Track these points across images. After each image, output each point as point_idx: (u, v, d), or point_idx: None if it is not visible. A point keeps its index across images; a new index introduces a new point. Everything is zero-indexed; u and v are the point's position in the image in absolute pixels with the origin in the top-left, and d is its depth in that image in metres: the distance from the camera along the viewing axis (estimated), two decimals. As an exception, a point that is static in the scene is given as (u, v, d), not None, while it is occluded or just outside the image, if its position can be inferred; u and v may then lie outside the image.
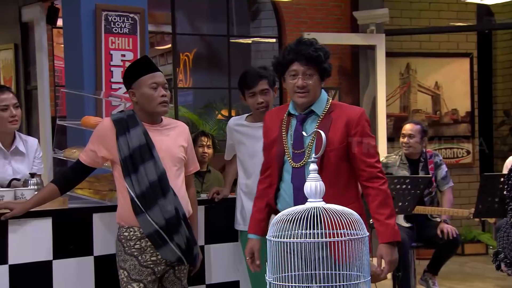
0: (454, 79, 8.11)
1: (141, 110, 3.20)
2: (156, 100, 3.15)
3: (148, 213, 3.09)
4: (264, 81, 3.58)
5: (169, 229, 3.10)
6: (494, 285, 5.75)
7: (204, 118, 8.50)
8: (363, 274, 1.98)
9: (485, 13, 8.08)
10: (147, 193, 3.10)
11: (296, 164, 2.87)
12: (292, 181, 2.87)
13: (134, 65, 3.25)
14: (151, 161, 3.13)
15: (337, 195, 2.71)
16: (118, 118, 3.20)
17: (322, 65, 2.87)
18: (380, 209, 2.84)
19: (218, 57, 9.13)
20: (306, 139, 2.86)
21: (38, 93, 6.33)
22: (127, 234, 3.17)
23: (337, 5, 8.05)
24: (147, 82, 3.14)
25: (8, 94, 3.65)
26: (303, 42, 2.91)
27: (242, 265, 3.71)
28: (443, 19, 8.14)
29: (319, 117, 2.90)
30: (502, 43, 8.65)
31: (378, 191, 2.86)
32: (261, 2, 8.64)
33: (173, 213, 3.12)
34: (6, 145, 3.67)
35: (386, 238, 2.83)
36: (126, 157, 3.12)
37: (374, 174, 2.88)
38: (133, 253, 3.15)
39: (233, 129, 3.72)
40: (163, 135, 3.22)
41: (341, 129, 2.86)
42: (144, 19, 4.56)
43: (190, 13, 9.20)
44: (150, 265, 3.15)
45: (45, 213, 3.30)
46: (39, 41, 6.27)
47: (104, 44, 4.44)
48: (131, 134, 3.14)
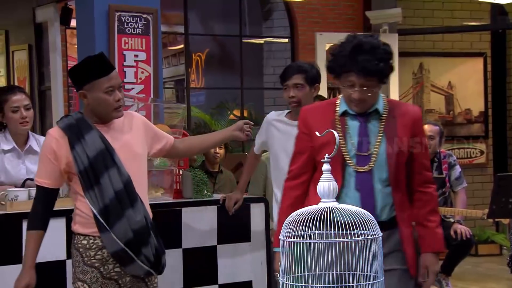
0: (468, 79, 8.07)
1: (91, 112, 2.84)
2: (111, 106, 2.80)
3: (113, 229, 2.75)
4: (300, 75, 3.39)
5: (137, 241, 2.78)
6: (508, 286, 5.71)
7: (216, 118, 8.50)
8: (377, 275, 1.98)
9: (499, 12, 8.03)
10: (112, 206, 2.75)
11: (361, 168, 2.60)
12: (359, 187, 2.60)
13: (87, 64, 2.83)
14: (114, 168, 2.78)
15: (404, 199, 2.63)
16: (67, 125, 2.81)
17: (384, 74, 2.57)
18: (431, 216, 2.69)
19: (230, 57, 9.13)
20: (371, 141, 2.61)
21: (52, 93, 6.37)
22: (85, 242, 2.81)
23: (350, 5, 8.03)
24: (102, 86, 2.77)
25: (21, 95, 3.66)
26: (361, 49, 2.54)
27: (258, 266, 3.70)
28: (456, 18, 8.09)
29: (381, 116, 2.64)
30: (516, 43, 8.59)
31: (431, 197, 2.70)
32: (273, 2, 8.63)
33: (143, 223, 2.80)
34: (19, 145, 3.69)
35: (435, 247, 2.70)
36: (85, 168, 2.75)
37: (428, 178, 2.72)
38: (93, 264, 2.79)
39: (271, 124, 3.51)
40: (119, 133, 2.87)
41: (408, 128, 2.64)
42: (157, 19, 4.57)
43: (202, 14, 9.21)
44: (114, 277, 2.82)
45: (59, 212, 3.31)
46: (53, 42, 6.30)
47: (117, 45, 4.45)
48: (87, 140, 2.78)
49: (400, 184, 2.63)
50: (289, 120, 3.47)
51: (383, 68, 2.55)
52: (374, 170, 2.59)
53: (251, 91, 8.55)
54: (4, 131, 3.69)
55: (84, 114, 2.86)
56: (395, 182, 2.61)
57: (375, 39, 2.58)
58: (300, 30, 7.86)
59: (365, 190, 2.59)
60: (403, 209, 2.65)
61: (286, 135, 3.40)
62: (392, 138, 2.60)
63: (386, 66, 2.56)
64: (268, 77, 8.42)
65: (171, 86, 10.03)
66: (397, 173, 2.60)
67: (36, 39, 6.77)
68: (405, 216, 2.66)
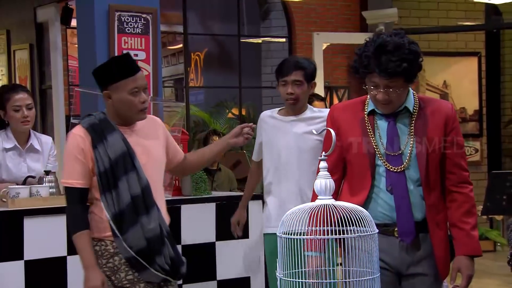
0: (462, 78, 8.07)
1: (115, 114, 2.73)
2: (136, 108, 2.69)
3: (125, 236, 2.64)
4: (299, 72, 3.25)
5: (150, 250, 2.66)
6: (502, 281, 5.72)
7: (215, 117, 8.51)
8: (373, 271, 1.98)
9: (493, 12, 8.03)
10: (127, 211, 2.64)
11: (394, 168, 2.47)
12: (392, 187, 2.47)
13: (113, 64, 2.74)
14: (134, 172, 2.67)
15: (437, 199, 2.50)
16: (90, 124, 2.70)
17: (409, 74, 2.42)
18: (466, 217, 2.51)
19: (228, 56, 9.13)
20: (402, 140, 2.48)
21: (53, 92, 6.36)
22: (98, 248, 2.70)
23: (347, 5, 8.03)
24: (128, 86, 2.66)
25: (23, 94, 3.65)
26: (384, 49, 2.39)
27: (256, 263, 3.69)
28: (451, 18, 8.10)
29: (412, 114, 2.50)
30: (510, 42, 8.60)
31: (467, 198, 2.51)
32: (271, 2, 8.63)
33: (157, 231, 2.68)
34: (21, 143, 3.69)
35: (470, 250, 2.51)
36: (105, 170, 2.65)
37: (464, 178, 2.53)
38: (105, 273, 2.68)
39: (264, 121, 3.39)
40: (140, 137, 2.76)
41: (440, 127, 2.49)
42: (156, 19, 4.57)
43: (201, 14, 9.20)
44: (127, 285, 2.68)
45: (59, 209, 3.31)
46: (53, 41, 6.29)
47: (117, 44, 4.44)
48: (109, 141, 2.67)
49: (434, 185, 2.49)
50: (281, 116, 3.36)
51: (407, 68, 2.39)
52: (405, 170, 2.47)
53: (249, 90, 8.55)
54: (5, 129, 3.68)
55: (106, 114, 2.75)
56: (427, 183, 2.48)
57: (400, 37, 2.42)
58: (297, 30, 7.86)
59: (399, 191, 2.46)
60: (437, 210, 2.51)
61: (278, 131, 3.31)
62: (422, 137, 2.47)
63: (412, 66, 2.41)
64: (266, 76, 8.42)
65: (170, 85, 10.02)
66: (429, 173, 2.47)
67: (37, 38, 6.76)
68: (440, 218, 2.52)
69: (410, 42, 2.43)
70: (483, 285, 2.47)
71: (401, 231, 2.49)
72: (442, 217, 2.53)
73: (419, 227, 2.49)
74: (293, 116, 3.30)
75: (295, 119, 3.30)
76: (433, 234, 2.51)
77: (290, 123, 3.29)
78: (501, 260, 5.55)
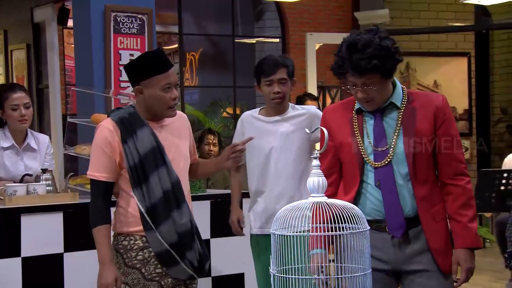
0: (453, 78, 8.10)
1: (146, 109, 2.69)
2: (167, 104, 2.65)
3: (159, 230, 2.61)
4: (283, 69, 3.17)
5: (182, 245, 2.64)
6: (491, 277, 5.74)
7: (209, 116, 8.50)
8: (364, 267, 1.98)
9: (483, 13, 8.05)
10: (159, 205, 2.62)
11: (378, 163, 2.43)
12: (380, 182, 2.44)
13: (147, 59, 2.68)
14: (164, 167, 2.64)
15: (429, 192, 2.44)
16: (120, 118, 2.66)
17: (383, 70, 2.36)
18: (463, 210, 2.44)
19: (223, 56, 9.12)
20: (388, 135, 2.44)
21: (50, 92, 6.34)
22: (126, 243, 2.66)
23: (339, 5, 8.04)
24: (160, 82, 2.62)
25: (21, 93, 3.64)
26: (354, 47, 2.36)
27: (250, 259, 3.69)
28: (441, 19, 8.12)
29: (400, 108, 2.45)
30: (499, 43, 8.63)
31: (463, 190, 2.44)
32: (265, 3, 8.62)
33: (188, 226, 2.67)
34: (18, 142, 3.68)
35: (467, 243, 2.43)
36: (135, 164, 2.61)
37: (460, 170, 2.46)
38: (135, 266, 2.64)
39: (245, 122, 3.29)
40: (168, 133, 2.73)
41: (429, 119, 2.43)
42: (151, 19, 4.56)
43: (196, 14, 9.19)
44: (156, 278, 2.64)
45: (56, 207, 3.31)
46: (50, 41, 6.28)
47: (113, 44, 4.44)
48: (138, 136, 2.64)
49: (425, 178, 2.44)
50: (264, 117, 3.25)
51: (378, 65, 2.34)
52: (393, 165, 2.43)
53: (244, 90, 8.55)
54: (3, 128, 3.68)
55: (136, 109, 2.69)
56: (416, 176, 2.42)
57: (373, 34, 2.37)
58: (291, 30, 7.87)
59: (386, 185, 2.43)
60: (431, 203, 2.45)
61: (264, 132, 3.22)
62: (410, 131, 2.42)
63: (384, 62, 2.35)
64: (260, 76, 8.42)
65: (165, 84, 10.00)
66: (417, 167, 2.42)
67: (34, 38, 6.74)
68: (436, 211, 2.46)
69: (382, 38, 2.37)
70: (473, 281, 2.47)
71: (390, 225, 2.45)
72: (438, 210, 2.47)
73: (411, 221, 2.45)
74: (277, 116, 3.21)
75: (280, 119, 3.21)
76: (426, 227, 2.45)
77: (275, 123, 3.20)
78: (490, 256, 5.57)
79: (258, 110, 3.31)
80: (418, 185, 2.44)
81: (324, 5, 7.94)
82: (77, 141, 4.44)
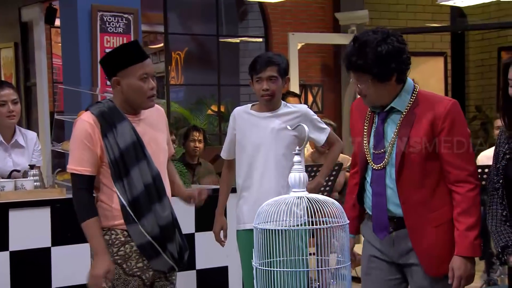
0: (430, 77, 8.14)
1: (124, 101, 2.62)
2: (145, 94, 2.59)
3: (141, 222, 2.57)
4: (273, 67, 3.14)
5: (164, 237, 2.62)
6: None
7: (195, 113, 8.49)
8: (344, 260, 1.98)
9: (458, 14, 8.12)
10: (141, 198, 2.58)
11: (377, 166, 2.42)
12: (371, 184, 2.45)
13: (122, 50, 2.65)
14: (144, 161, 2.60)
15: (425, 197, 2.38)
16: (100, 112, 2.60)
17: (370, 72, 2.34)
18: (461, 217, 2.36)
19: (208, 55, 9.10)
20: (387, 138, 2.42)
21: (37, 89, 6.29)
22: (108, 238, 2.60)
23: (320, 6, 8.05)
24: (137, 72, 2.57)
25: (9, 90, 3.61)
26: (354, 44, 2.37)
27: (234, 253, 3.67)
28: (419, 20, 8.16)
29: (402, 113, 2.41)
30: (474, 43, 8.69)
31: (463, 198, 2.35)
32: (248, 4, 8.61)
33: (169, 218, 2.64)
34: (6, 139, 3.65)
35: (461, 251, 2.35)
36: (116, 158, 2.56)
37: (461, 178, 2.37)
38: (116, 261, 2.58)
39: (237, 117, 3.24)
40: (147, 126, 2.67)
41: (425, 127, 2.37)
42: (137, 19, 4.54)
43: (181, 14, 9.16)
44: (137, 273, 2.61)
45: (44, 202, 3.28)
46: (38, 40, 6.23)
47: (100, 43, 4.41)
48: (118, 130, 2.58)
49: (421, 183, 2.38)
50: (256, 112, 3.21)
51: (362, 65, 2.32)
52: (387, 169, 2.41)
53: (228, 88, 8.55)
54: (-9, 125, 3.64)
55: (115, 103, 2.63)
56: (406, 181, 2.38)
57: (373, 35, 2.35)
58: (273, 30, 7.87)
59: (375, 188, 2.43)
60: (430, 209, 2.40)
61: (254, 127, 3.18)
62: (403, 137, 2.38)
63: (372, 65, 2.32)
64: (244, 74, 8.42)
65: (151, 82, 9.96)
66: (408, 172, 2.37)
67: (22, 37, 6.68)
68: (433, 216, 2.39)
69: (383, 43, 2.35)
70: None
71: (374, 226, 2.46)
72: (439, 215, 2.40)
73: (399, 223, 2.42)
74: (269, 112, 3.19)
75: (271, 115, 3.19)
76: (411, 231, 2.41)
77: (266, 119, 3.17)
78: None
79: (250, 106, 3.28)
80: (409, 190, 2.40)
81: (305, 6, 7.95)
82: (64, 137, 4.41)
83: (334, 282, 1.99)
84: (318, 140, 3.24)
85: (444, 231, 2.41)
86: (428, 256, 2.41)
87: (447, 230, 2.40)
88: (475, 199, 2.37)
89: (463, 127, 2.41)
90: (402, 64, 2.41)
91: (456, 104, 2.42)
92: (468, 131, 2.44)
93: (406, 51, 2.46)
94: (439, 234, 2.40)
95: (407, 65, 2.45)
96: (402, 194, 2.40)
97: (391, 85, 2.40)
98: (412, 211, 2.41)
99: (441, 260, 2.41)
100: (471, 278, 2.39)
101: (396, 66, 2.37)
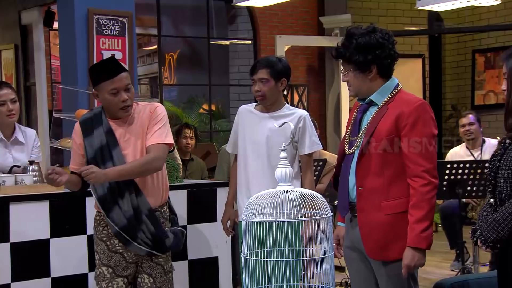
0: (409, 77, 8.17)
1: (106, 109, 2.85)
2: (116, 106, 2.78)
3: (110, 216, 2.80)
4: (265, 70, 3.13)
5: (131, 228, 2.80)
6: (443, 258, 5.83)
7: (187, 112, 8.46)
8: (327, 250, 1.99)
9: (435, 19, 8.14)
10: (107, 196, 2.79)
11: (348, 150, 2.51)
12: (342, 166, 2.54)
13: (97, 67, 2.85)
14: (110, 162, 2.77)
15: (381, 185, 2.42)
16: (85, 119, 2.88)
17: (352, 59, 2.44)
18: (412, 210, 2.39)
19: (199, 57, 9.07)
20: (362, 126, 2.49)
21: (36, 89, 6.26)
22: (98, 218, 2.90)
23: (306, 11, 8.05)
24: (107, 88, 2.75)
25: (7, 90, 3.59)
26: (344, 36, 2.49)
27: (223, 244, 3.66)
28: (398, 24, 8.19)
29: (378, 106, 2.48)
30: (450, 46, 8.74)
31: (415, 192, 2.39)
32: (237, 8, 8.60)
33: (131, 213, 2.80)
34: (6, 136, 3.62)
35: (409, 241, 2.39)
36: (89, 159, 2.81)
37: (416, 173, 2.40)
38: (102, 238, 2.87)
39: (241, 114, 3.25)
40: (130, 127, 2.83)
41: (390, 121, 2.42)
42: (132, 22, 4.53)
43: (174, 17, 9.12)
44: (119, 250, 2.84)
45: (43, 196, 3.27)
46: (37, 42, 6.20)
47: (96, 45, 4.40)
48: (93, 135, 2.82)
49: (379, 172, 2.42)
50: (257, 112, 3.21)
51: (343, 53, 2.44)
52: (355, 153, 2.47)
53: (218, 88, 8.53)
54: (-8, 123, 3.61)
55: (103, 108, 2.86)
56: (369, 168, 2.43)
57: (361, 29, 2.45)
58: (261, 33, 7.86)
59: (343, 173, 2.51)
60: (385, 197, 2.43)
61: (254, 125, 3.19)
62: (370, 129, 2.44)
63: (352, 54, 2.42)
64: (233, 75, 8.40)
65: (146, 82, 9.91)
66: (367, 161, 2.43)
67: (22, 39, 6.64)
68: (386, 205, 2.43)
69: (364, 35, 2.43)
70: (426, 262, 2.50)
71: (338, 205, 2.54)
72: (393, 205, 2.42)
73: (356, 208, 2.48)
74: (268, 113, 3.17)
75: (270, 115, 3.17)
76: (360, 215, 2.45)
77: (265, 118, 3.16)
78: (441, 239, 5.65)
79: (255, 105, 3.28)
80: (367, 176, 2.43)
81: (292, 10, 7.94)
82: (62, 134, 4.39)
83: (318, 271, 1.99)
84: (300, 147, 3.15)
85: (395, 220, 2.42)
86: (369, 239, 2.44)
87: (398, 220, 2.42)
88: (426, 194, 2.38)
89: (426, 126, 2.42)
90: (381, 58, 2.46)
91: (424, 105, 2.44)
92: (432, 130, 2.43)
93: (389, 47, 2.50)
94: (387, 222, 2.42)
95: (387, 60, 2.49)
96: (359, 178, 2.45)
97: (373, 78, 2.47)
98: (366, 196, 2.44)
99: (381, 245, 2.42)
100: (416, 267, 2.41)
101: (374, 58, 2.44)
